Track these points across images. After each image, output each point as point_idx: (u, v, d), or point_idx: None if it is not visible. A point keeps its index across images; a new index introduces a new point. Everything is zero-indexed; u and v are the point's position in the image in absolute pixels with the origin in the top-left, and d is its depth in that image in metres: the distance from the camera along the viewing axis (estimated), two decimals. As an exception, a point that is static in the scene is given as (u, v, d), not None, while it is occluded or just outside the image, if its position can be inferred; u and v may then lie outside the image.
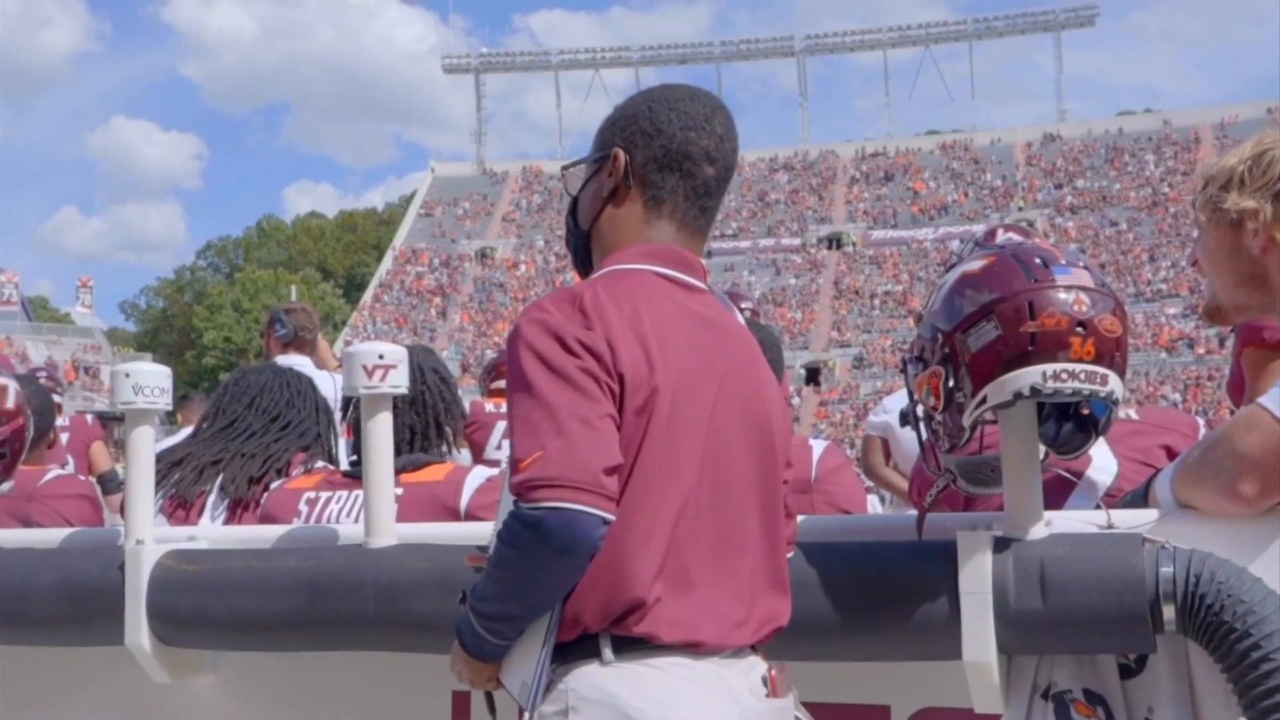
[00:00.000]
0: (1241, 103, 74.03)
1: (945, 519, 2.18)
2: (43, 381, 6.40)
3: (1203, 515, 2.03)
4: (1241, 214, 2.20)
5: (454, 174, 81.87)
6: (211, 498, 3.24)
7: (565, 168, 2.16)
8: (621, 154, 2.01)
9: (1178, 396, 47.08)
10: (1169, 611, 1.91)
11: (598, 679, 1.75)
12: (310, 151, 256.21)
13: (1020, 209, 66.44)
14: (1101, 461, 2.58)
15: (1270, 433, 1.93)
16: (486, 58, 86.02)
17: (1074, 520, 2.10)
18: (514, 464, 1.72)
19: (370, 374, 2.44)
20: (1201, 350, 51.05)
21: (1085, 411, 2.08)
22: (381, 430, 2.49)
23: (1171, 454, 2.55)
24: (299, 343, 5.77)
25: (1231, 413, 3.83)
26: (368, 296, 71.60)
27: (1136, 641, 1.96)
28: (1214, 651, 1.89)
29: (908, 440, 5.52)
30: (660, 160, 1.99)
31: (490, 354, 7.03)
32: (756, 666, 1.87)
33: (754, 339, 2.05)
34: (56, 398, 6.54)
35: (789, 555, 2.02)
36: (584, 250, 2.11)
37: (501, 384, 6.73)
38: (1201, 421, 2.76)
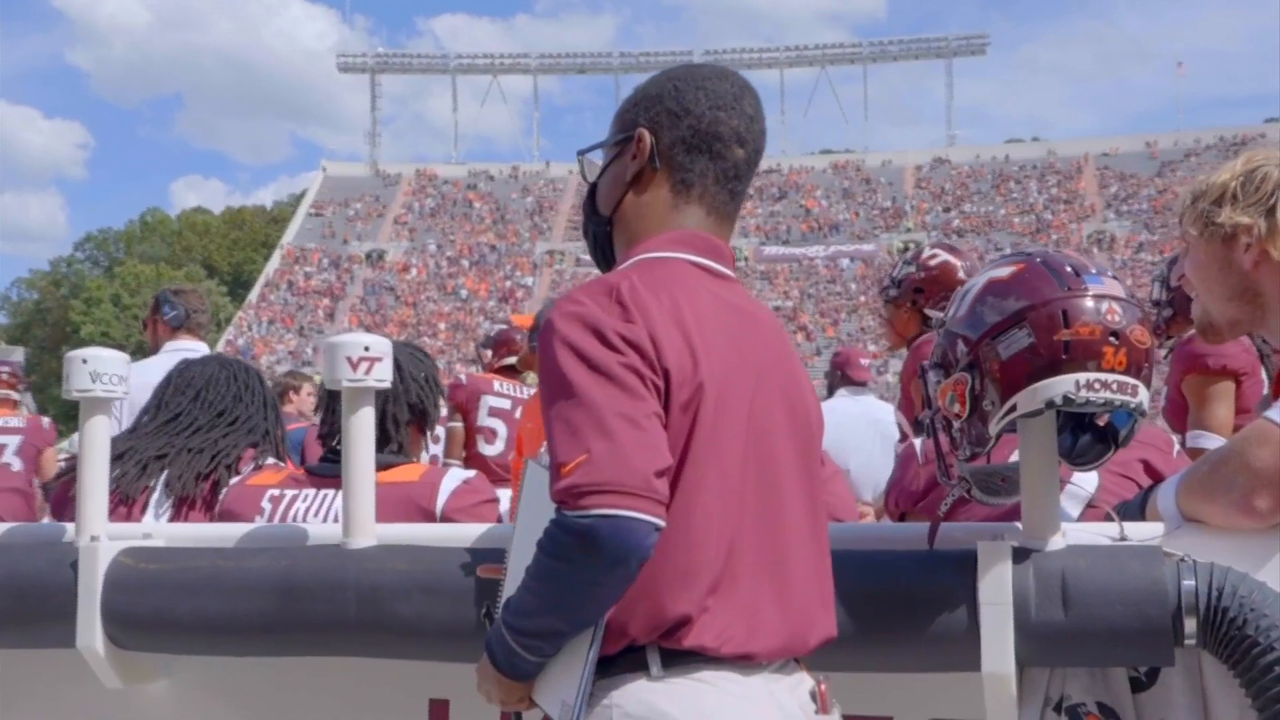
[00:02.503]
0: (1123, 136, 76.45)
1: (953, 529, 2.15)
2: (4, 377, 6.13)
3: (1210, 528, 2.03)
4: (1235, 229, 2.21)
5: (346, 174, 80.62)
6: (156, 494, 3.08)
7: (581, 152, 2.04)
8: (647, 135, 1.91)
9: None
10: (1190, 625, 1.90)
11: (645, 694, 1.66)
12: (202, 146, 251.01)
13: (909, 230, 67.68)
14: (1082, 474, 2.58)
15: None
16: (383, 58, 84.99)
17: (1086, 532, 2.08)
18: (555, 469, 1.61)
19: (355, 366, 2.34)
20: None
21: (1101, 423, 2.07)
22: (363, 426, 2.38)
23: (1149, 468, 2.57)
24: (192, 326, 5.38)
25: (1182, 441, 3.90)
26: (253, 295, 70.11)
27: (1156, 655, 1.94)
28: (1235, 665, 1.88)
29: (831, 455, 5.50)
30: (689, 141, 1.89)
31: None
32: (804, 681, 1.81)
33: (784, 331, 1.98)
34: (15, 395, 6.25)
35: None
36: (605, 238, 2.00)
37: None
38: (1175, 438, 2.78)
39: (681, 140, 1.90)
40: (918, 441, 2.85)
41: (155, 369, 3.68)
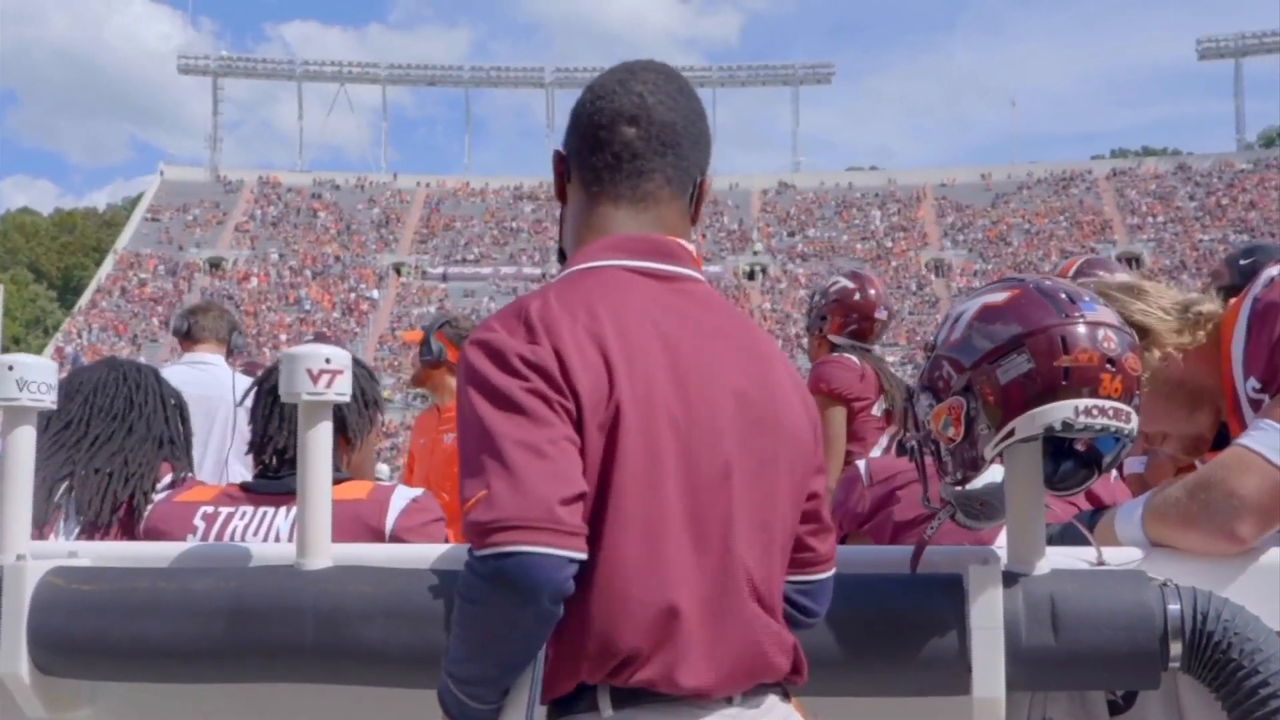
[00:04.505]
0: (960, 167, 79.29)
1: (934, 553, 2.15)
2: None
3: (1183, 552, 2.07)
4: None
5: (185, 179, 78.31)
6: (65, 518, 2.90)
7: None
8: (560, 150, 1.90)
9: (895, 440, 49.52)
10: (1176, 648, 1.93)
11: None
12: (34, 145, 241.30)
13: (756, 253, 68.84)
14: None
15: (1266, 474, 2.00)
16: (226, 61, 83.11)
17: (1065, 556, 2.10)
18: (461, 505, 1.54)
19: (315, 379, 2.23)
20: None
21: (1080, 448, 2.10)
22: (321, 441, 2.27)
23: (1090, 494, 2.61)
24: (197, 336, 5.27)
25: None
26: (84, 301, 67.50)
27: (1143, 679, 1.97)
28: (1219, 688, 1.92)
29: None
30: (580, 143, 1.85)
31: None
32: (791, 717, 1.73)
33: (758, 328, 1.88)
34: None
35: (830, 574, 1.89)
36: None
37: None
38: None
39: (576, 144, 1.86)
40: (861, 463, 2.86)
41: (174, 374, 3.92)
